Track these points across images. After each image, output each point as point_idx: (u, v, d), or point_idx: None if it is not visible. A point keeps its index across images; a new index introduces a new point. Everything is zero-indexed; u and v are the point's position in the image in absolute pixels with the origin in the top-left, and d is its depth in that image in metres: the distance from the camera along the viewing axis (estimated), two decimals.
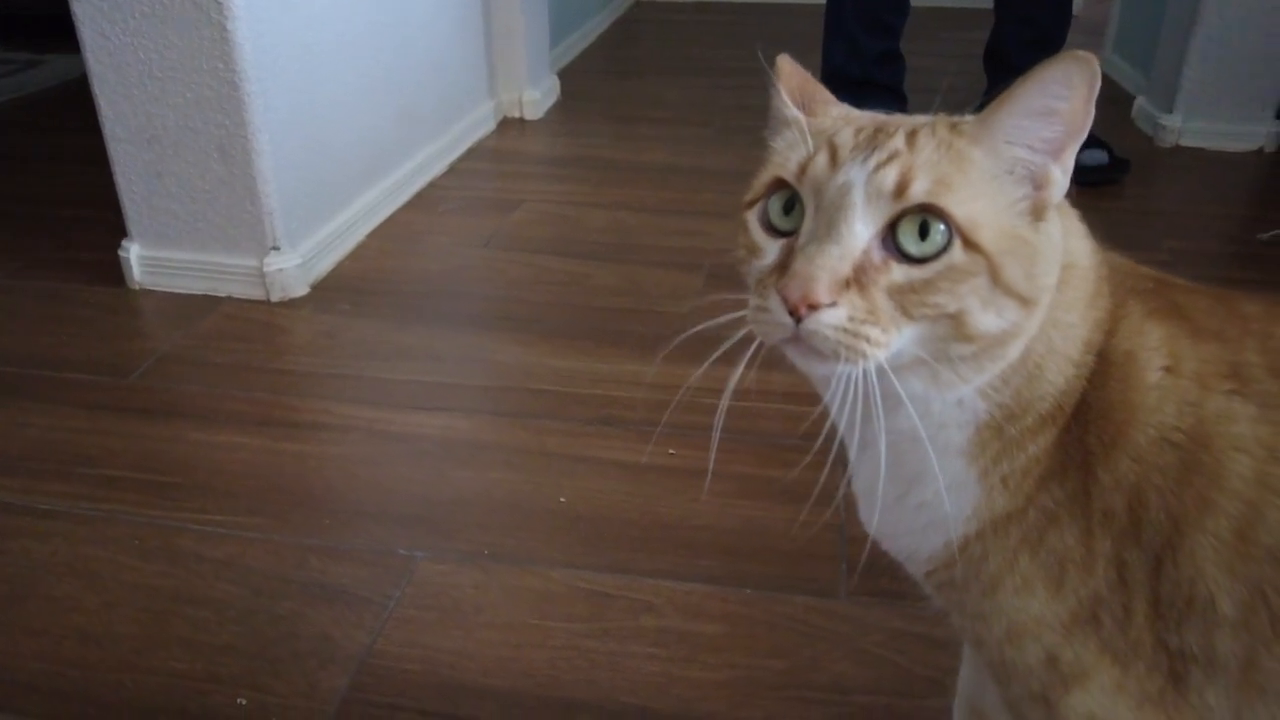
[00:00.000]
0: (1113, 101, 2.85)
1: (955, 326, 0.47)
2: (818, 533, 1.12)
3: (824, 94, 0.58)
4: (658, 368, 1.46)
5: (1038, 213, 0.49)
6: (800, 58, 0.59)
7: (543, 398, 1.41)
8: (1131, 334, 0.51)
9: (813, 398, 0.63)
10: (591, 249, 1.90)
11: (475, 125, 2.50)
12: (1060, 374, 0.51)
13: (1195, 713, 0.52)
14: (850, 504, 0.63)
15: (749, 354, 0.52)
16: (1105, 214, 2.14)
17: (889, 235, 0.47)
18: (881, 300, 0.47)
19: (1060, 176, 0.49)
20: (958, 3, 3.91)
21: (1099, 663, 0.52)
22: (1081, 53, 0.46)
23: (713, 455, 1.25)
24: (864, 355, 0.46)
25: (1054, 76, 0.46)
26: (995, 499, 0.53)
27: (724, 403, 0.55)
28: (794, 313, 0.47)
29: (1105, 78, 3.14)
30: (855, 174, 0.48)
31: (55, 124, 2.70)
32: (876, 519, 0.57)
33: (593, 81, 3.18)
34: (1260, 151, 2.41)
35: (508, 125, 2.67)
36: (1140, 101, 2.63)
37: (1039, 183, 0.49)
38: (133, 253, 1.70)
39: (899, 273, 0.47)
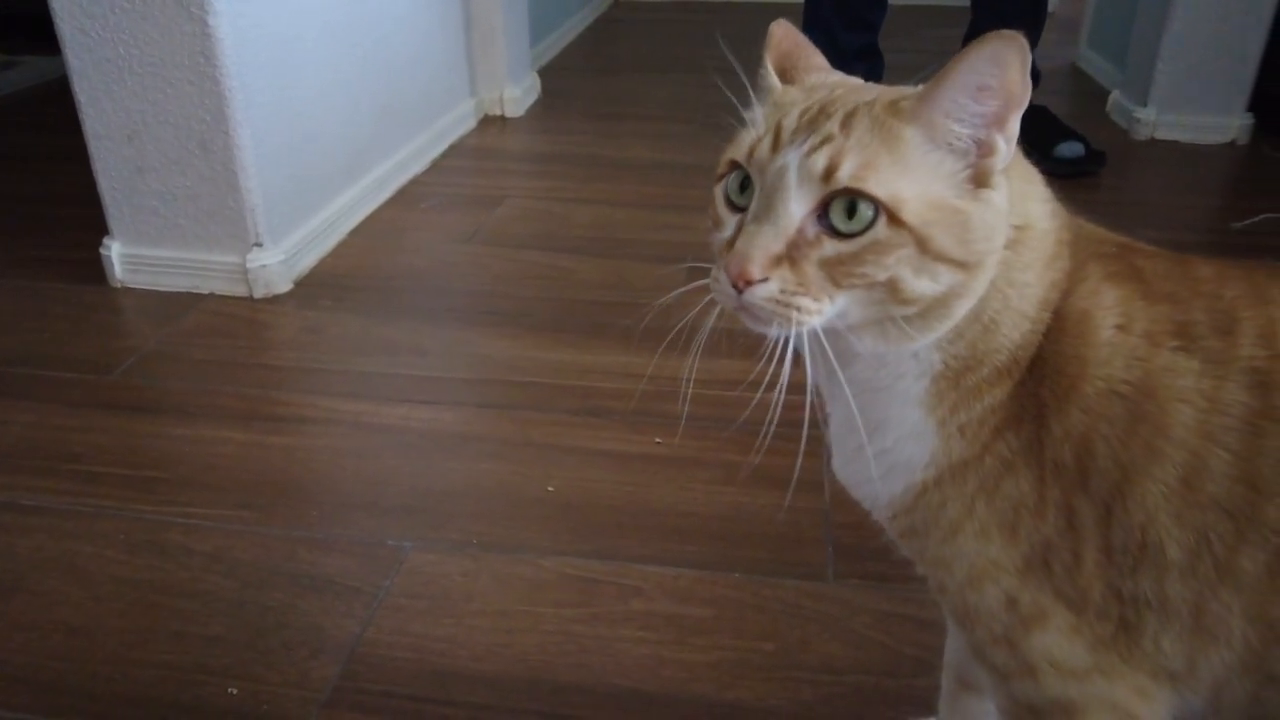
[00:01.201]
0: (1088, 95, 2.88)
1: (890, 292, 0.51)
2: (804, 517, 1.13)
3: (808, 59, 0.61)
4: (643, 359, 1.47)
5: (980, 180, 0.51)
6: None
7: (529, 389, 1.41)
8: (1088, 294, 0.54)
9: (796, 386, 0.65)
10: (576, 244, 1.90)
11: (456, 122, 2.50)
12: (1016, 330, 0.54)
13: (1149, 658, 0.54)
14: (836, 489, 0.64)
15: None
16: (1083, 205, 2.15)
17: (823, 212, 0.51)
18: (813, 272, 0.51)
19: (1003, 145, 0.51)
20: (937, 0, 3.95)
21: (1054, 606, 0.55)
22: (1007, 32, 0.48)
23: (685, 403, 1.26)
24: (796, 322, 0.51)
25: (984, 55, 0.49)
26: (953, 447, 0.56)
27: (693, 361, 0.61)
28: (734, 286, 0.51)
29: (1080, 72, 3.19)
30: (791, 158, 0.51)
31: (33, 123, 2.68)
32: (845, 466, 0.62)
33: (573, 79, 3.19)
34: (1233, 144, 2.44)
35: (489, 123, 2.67)
36: (1115, 95, 2.67)
37: (983, 151, 0.51)
38: (114, 250, 1.69)
39: (829, 247, 0.50)
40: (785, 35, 0.60)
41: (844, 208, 0.50)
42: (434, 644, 0.98)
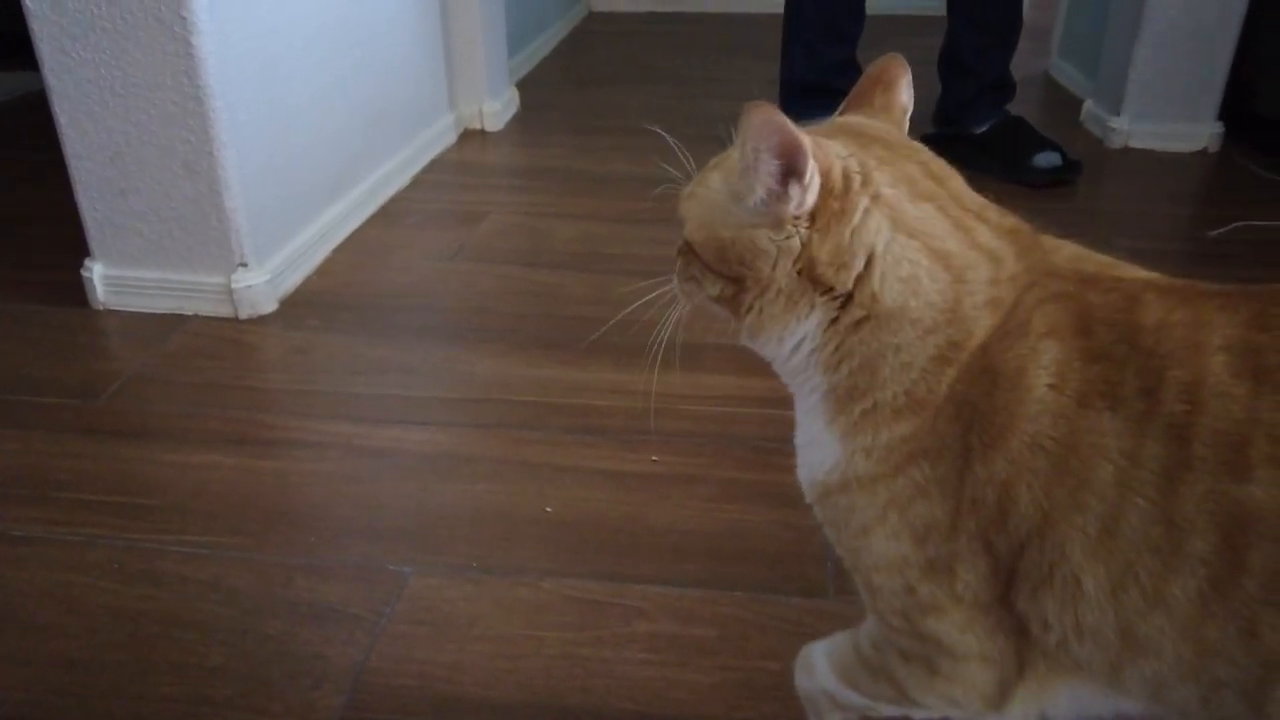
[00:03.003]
0: (1060, 105, 2.92)
1: (694, 287, 0.68)
2: (804, 534, 1.14)
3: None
4: (633, 375, 1.48)
5: (777, 225, 0.61)
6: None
7: (522, 408, 1.41)
8: (1026, 351, 0.57)
9: (789, 401, 0.69)
10: (561, 259, 1.90)
11: (436, 138, 2.49)
12: (902, 378, 0.60)
13: (1045, 657, 0.60)
14: None
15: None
16: (1061, 215, 2.20)
17: None
18: (679, 269, 0.70)
19: (796, 192, 0.59)
20: (912, 10, 3.99)
21: (952, 605, 0.61)
22: (753, 103, 0.58)
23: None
24: (675, 297, 0.71)
25: (743, 137, 0.60)
26: (858, 463, 0.62)
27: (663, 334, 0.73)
28: None
29: (1052, 81, 3.23)
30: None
31: (5, 141, 2.64)
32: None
33: (551, 92, 3.19)
34: (1204, 152, 2.48)
35: (469, 137, 2.66)
36: (1089, 105, 2.71)
37: (775, 197, 0.60)
38: (96, 272, 1.67)
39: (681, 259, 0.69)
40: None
41: None
42: (438, 671, 0.97)
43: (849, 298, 0.61)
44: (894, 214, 0.60)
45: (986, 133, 2.33)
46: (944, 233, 0.60)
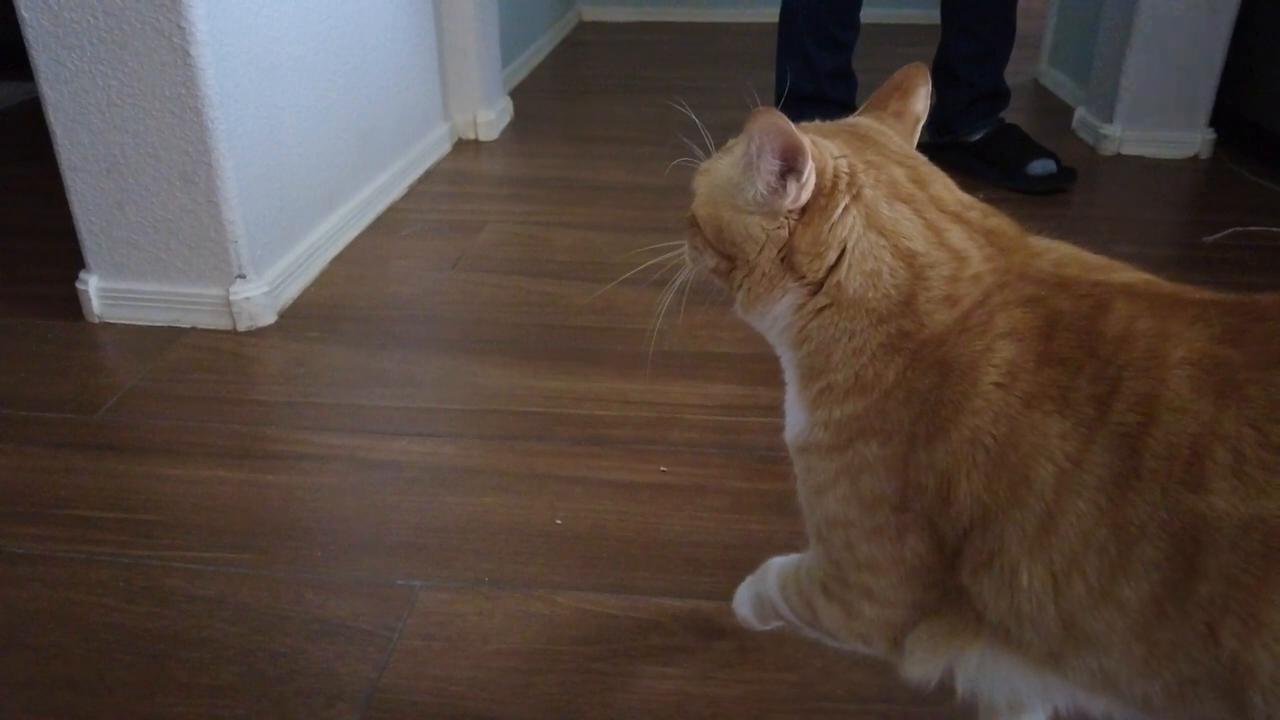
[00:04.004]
0: (1050, 112, 2.94)
1: (697, 254, 0.73)
2: None
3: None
4: (639, 385, 1.47)
5: (771, 216, 0.66)
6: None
7: (528, 419, 1.40)
8: (982, 349, 0.60)
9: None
10: (562, 268, 1.89)
11: (432, 147, 2.48)
12: (853, 363, 0.64)
13: (985, 628, 0.63)
14: None
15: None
16: (1056, 222, 2.20)
17: None
18: (688, 237, 0.74)
19: (793, 188, 0.64)
20: (906, 19, 4.01)
21: (891, 566, 0.65)
22: (759, 109, 0.62)
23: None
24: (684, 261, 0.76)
25: (749, 137, 0.64)
26: (818, 434, 0.67)
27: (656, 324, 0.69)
28: None
29: (1043, 89, 3.25)
30: None
31: None
32: None
33: (544, 101, 3.19)
34: (1196, 158, 2.50)
35: (463, 147, 2.65)
36: (1081, 112, 2.72)
37: (773, 192, 0.65)
38: (91, 285, 1.65)
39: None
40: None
41: None
42: (453, 688, 0.96)
43: (818, 286, 0.66)
44: (869, 213, 0.65)
45: (981, 141, 2.34)
46: (914, 233, 0.64)
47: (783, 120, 0.62)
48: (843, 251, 0.64)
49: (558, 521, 1.19)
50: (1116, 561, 0.54)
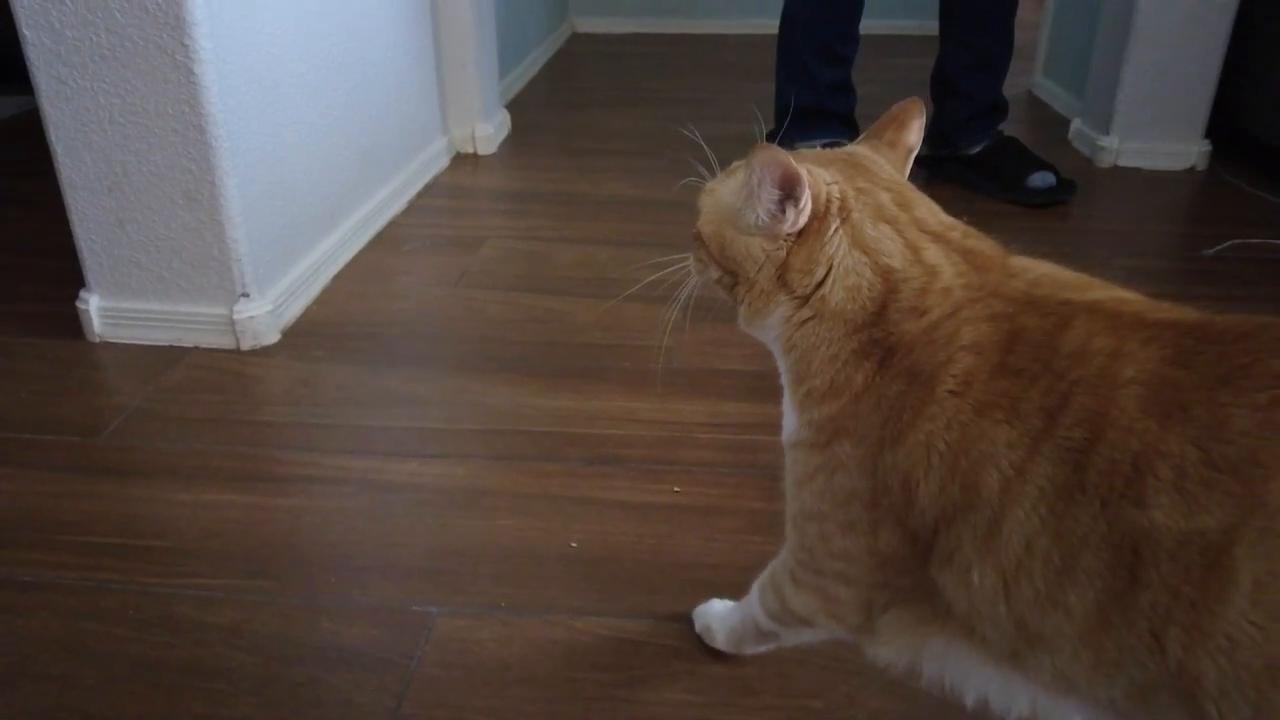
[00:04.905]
0: (1046, 123, 2.95)
1: (702, 267, 0.79)
2: None
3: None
4: (648, 403, 1.46)
5: (771, 238, 0.71)
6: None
7: (538, 439, 1.39)
8: (943, 359, 0.64)
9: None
10: (566, 284, 1.88)
11: (430, 162, 2.47)
12: (829, 369, 0.69)
13: (953, 620, 0.66)
14: None
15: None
16: (1056, 234, 2.21)
17: None
18: (694, 251, 0.80)
19: (791, 214, 0.70)
20: (905, 30, 4.03)
21: (866, 556, 0.71)
22: (759, 145, 0.67)
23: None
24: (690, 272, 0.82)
25: (750, 170, 0.69)
26: (803, 433, 0.73)
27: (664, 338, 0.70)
28: None
29: (1038, 101, 3.26)
30: None
31: None
32: None
33: (541, 114, 3.18)
34: (1192, 170, 2.52)
35: (461, 161, 2.64)
36: (1077, 124, 2.73)
37: (773, 217, 0.70)
38: (92, 304, 1.63)
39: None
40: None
41: None
42: (475, 716, 0.95)
43: (806, 299, 0.71)
44: (855, 233, 0.70)
45: (980, 153, 2.35)
46: (893, 251, 0.69)
47: (782, 154, 0.67)
48: (829, 268, 0.70)
49: (573, 544, 1.18)
50: (1061, 569, 0.57)
